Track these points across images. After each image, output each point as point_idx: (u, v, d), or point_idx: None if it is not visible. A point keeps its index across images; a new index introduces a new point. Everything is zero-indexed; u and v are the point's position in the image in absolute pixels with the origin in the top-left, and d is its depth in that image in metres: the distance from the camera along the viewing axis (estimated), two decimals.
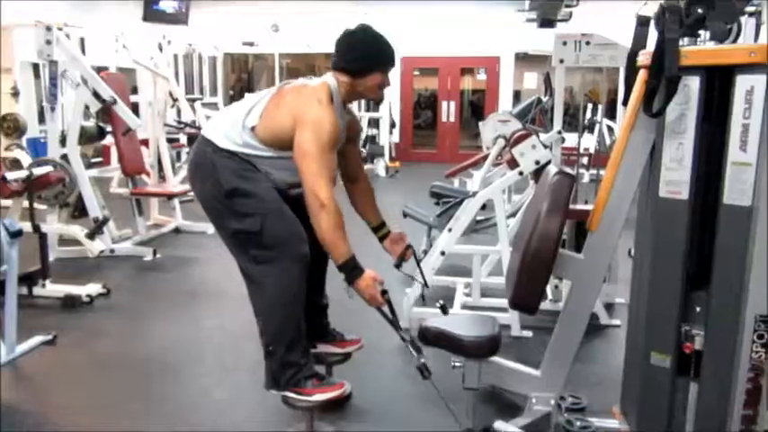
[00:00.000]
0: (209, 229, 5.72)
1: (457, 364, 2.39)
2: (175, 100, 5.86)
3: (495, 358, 2.42)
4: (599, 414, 2.41)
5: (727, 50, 1.90)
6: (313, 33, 11.56)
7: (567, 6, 8.77)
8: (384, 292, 2.18)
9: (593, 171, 7.19)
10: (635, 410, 2.25)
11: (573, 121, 9.00)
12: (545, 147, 3.24)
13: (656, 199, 2.07)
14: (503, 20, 10.58)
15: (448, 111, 12.11)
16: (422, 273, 2.53)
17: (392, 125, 11.36)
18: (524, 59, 11.57)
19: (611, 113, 9.84)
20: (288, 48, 11.96)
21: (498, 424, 2.16)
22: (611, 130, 9.20)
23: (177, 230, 5.78)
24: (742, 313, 1.90)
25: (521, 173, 3.27)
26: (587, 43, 3.62)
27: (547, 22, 9.76)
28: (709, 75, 1.92)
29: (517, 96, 12.07)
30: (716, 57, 1.91)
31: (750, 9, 1.90)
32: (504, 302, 3.55)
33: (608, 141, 8.92)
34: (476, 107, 13.33)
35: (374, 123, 10.87)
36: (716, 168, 1.95)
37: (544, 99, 4.66)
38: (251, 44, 10.89)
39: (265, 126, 2.21)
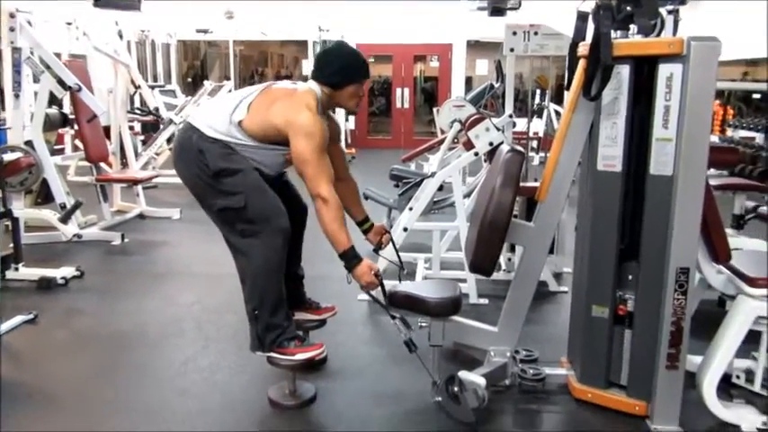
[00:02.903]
0: (174, 214, 5.88)
1: (423, 324, 2.67)
2: (137, 87, 5.91)
3: (458, 318, 2.69)
4: (549, 364, 2.73)
5: (651, 43, 2.21)
6: (267, 20, 11.62)
7: None
8: (377, 275, 2.41)
9: (543, 154, 7.57)
10: (579, 357, 2.58)
11: (522, 106, 9.40)
12: (498, 129, 3.53)
13: (594, 172, 2.39)
14: (455, 8, 10.86)
15: (402, 97, 12.37)
16: (399, 256, 2.78)
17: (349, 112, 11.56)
18: (476, 46, 11.92)
19: (558, 99, 10.29)
20: (242, 35, 11.97)
21: (462, 373, 2.43)
22: (558, 114, 9.63)
23: (142, 216, 5.87)
24: (666, 267, 2.23)
25: (476, 153, 3.56)
26: (536, 33, 3.94)
27: (497, 10, 10.08)
28: (637, 64, 2.24)
29: (469, 83, 12.43)
30: (642, 48, 2.22)
31: (669, 7, 2.21)
32: (462, 274, 3.87)
33: (556, 125, 9.36)
34: (428, 94, 13.62)
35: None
36: (644, 144, 2.27)
37: (496, 85, 4.95)
38: (205, 31, 10.86)
39: (254, 121, 2.42)
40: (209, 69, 13.98)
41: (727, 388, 2.49)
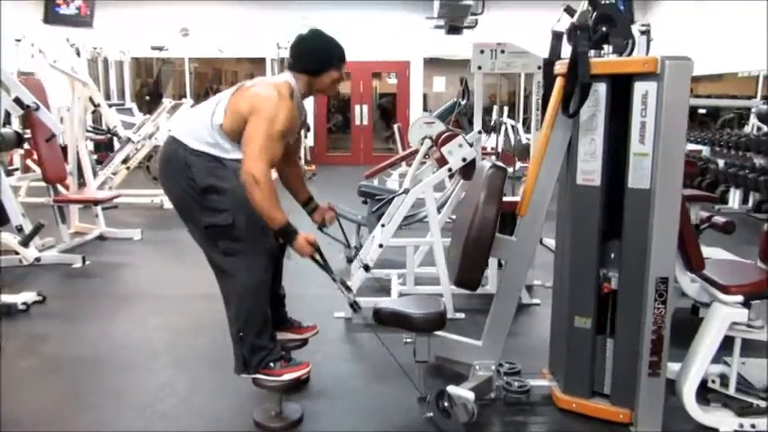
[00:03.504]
0: (136, 235, 5.72)
1: (408, 340, 2.68)
2: (96, 106, 5.76)
3: (442, 333, 2.71)
4: (531, 376, 2.77)
5: (627, 62, 2.30)
6: (223, 37, 11.54)
7: (473, 14, 9.32)
8: (313, 244, 2.38)
9: None
10: (562, 368, 2.63)
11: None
12: (470, 145, 3.59)
13: (573, 186, 2.46)
14: (413, 26, 11.04)
15: (361, 114, 12.43)
16: (344, 233, 2.80)
17: (307, 129, 11.53)
18: (433, 64, 12.11)
19: (512, 114, 10.54)
20: (199, 52, 11.83)
21: (451, 388, 2.44)
22: (514, 129, 9.86)
23: (102, 237, 5.68)
24: (646, 276, 2.30)
25: (450, 169, 3.60)
26: (502, 51, 4.02)
27: (454, 28, 10.31)
28: (613, 82, 2.32)
29: (425, 99, 12.61)
30: (618, 67, 2.31)
31: (642, 28, 2.31)
32: (436, 289, 3.89)
33: (512, 140, 9.57)
34: (384, 110, 13.70)
35: None
36: (621, 158, 2.35)
37: (462, 102, 5.05)
38: (161, 48, 10.68)
39: (229, 122, 2.36)
40: (163, 87, 13.74)
41: (703, 392, 2.57)
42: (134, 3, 11.27)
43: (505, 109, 9.47)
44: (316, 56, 2.48)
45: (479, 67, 4.08)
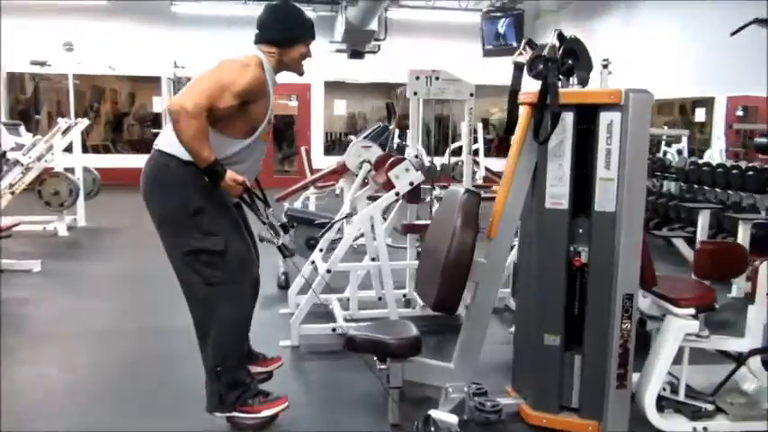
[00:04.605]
0: (35, 266, 5.21)
1: (382, 367, 2.65)
2: None
3: (414, 358, 2.70)
4: (497, 395, 2.83)
5: (593, 93, 2.46)
6: (112, 54, 10.92)
7: (377, 40, 9.57)
8: (241, 184, 2.27)
9: None
10: (530, 385, 2.72)
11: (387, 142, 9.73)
12: (416, 169, 3.65)
13: (541, 210, 2.57)
14: (314, 49, 11.06)
15: None
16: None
17: None
18: (333, 87, 12.18)
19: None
20: (84, 69, 11.07)
21: (434, 413, 2.44)
22: (418, 153, 10.14)
23: None
24: (613, 293, 2.45)
25: (397, 193, 3.63)
26: (437, 78, 4.14)
27: (356, 53, 10.49)
28: (580, 111, 2.47)
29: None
30: (585, 98, 2.46)
31: (604, 62, 2.49)
32: (381, 312, 3.88)
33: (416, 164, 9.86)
34: (277, 133, 13.50)
35: None
36: (587, 183, 2.50)
37: (390, 127, 5.13)
38: (42, 64, 9.88)
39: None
40: (41, 104, 12.69)
41: (657, 400, 2.76)
42: (9, 14, 10.40)
43: (409, 132, 9.71)
44: (286, 26, 2.41)
45: (415, 93, 4.17)
